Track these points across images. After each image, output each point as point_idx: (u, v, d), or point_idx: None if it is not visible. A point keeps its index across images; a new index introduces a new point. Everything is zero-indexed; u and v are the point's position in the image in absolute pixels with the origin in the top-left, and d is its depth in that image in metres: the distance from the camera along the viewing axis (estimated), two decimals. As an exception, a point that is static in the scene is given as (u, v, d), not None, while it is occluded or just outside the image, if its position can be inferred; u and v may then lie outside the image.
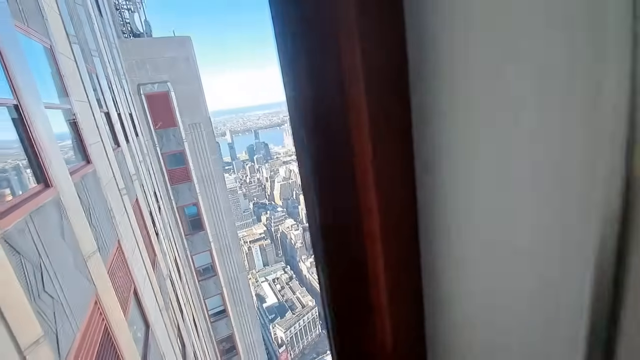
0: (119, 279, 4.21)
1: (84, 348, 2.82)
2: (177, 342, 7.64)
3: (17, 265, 2.21)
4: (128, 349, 3.86)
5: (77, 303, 2.92)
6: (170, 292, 8.42)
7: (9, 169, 2.68)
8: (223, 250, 16.92)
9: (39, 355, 2.15)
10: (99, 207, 4.28)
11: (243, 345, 18.25)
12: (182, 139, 14.78)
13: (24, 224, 2.41)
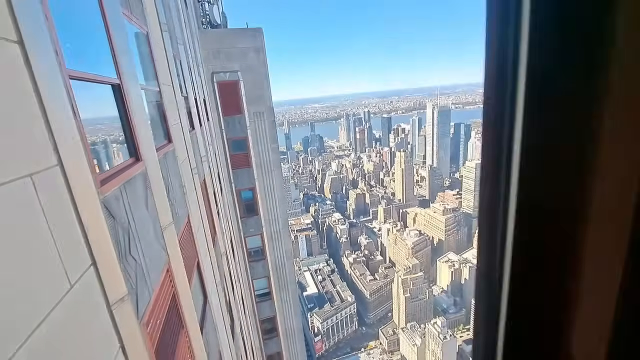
0: (186, 251, 4.55)
1: (156, 310, 3.09)
2: (227, 316, 8.12)
3: (111, 228, 2.47)
4: (190, 315, 4.17)
5: (154, 268, 3.20)
6: (225, 269, 8.95)
7: (109, 142, 2.99)
8: (273, 236, 17.56)
9: (123, 311, 2.39)
10: (175, 183, 4.65)
11: (283, 328, 18.88)
12: (246, 127, 15.52)
13: (119, 192, 2.68)
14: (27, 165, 1.70)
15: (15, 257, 1.54)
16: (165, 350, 3.19)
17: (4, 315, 1.42)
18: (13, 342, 1.44)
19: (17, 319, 1.49)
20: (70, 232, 1.98)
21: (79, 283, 1.96)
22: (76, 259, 1.99)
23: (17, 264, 1.54)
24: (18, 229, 1.58)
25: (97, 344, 2.13)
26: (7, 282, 1.47)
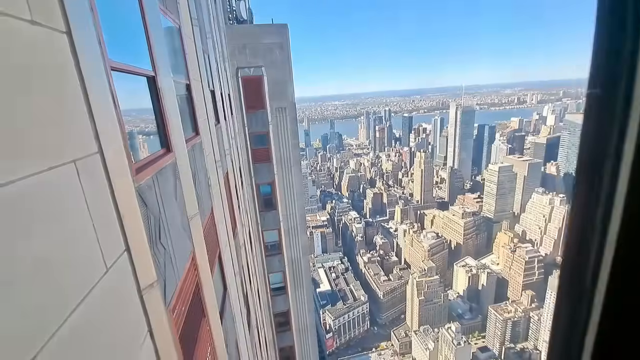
0: (209, 242, 4.65)
1: (181, 297, 3.17)
2: (244, 308, 8.26)
3: (144, 216, 2.54)
4: (211, 304, 4.26)
5: (180, 257, 3.28)
6: (243, 261, 9.10)
7: (143, 132, 3.08)
8: (290, 231, 17.70)
9: (152, 297, 2.46)
10: (201, 175, 4.75)
11: (296, 323, 19.05)
12: (267, 122, 15.67)
13: (151, 182, 2.76)
14: (71, 151, 1.77)
15: (62, 237, 1.61)
16: (188, 336, 3.28)
17: (52, 291, 1.49)
18: (59, 318, 1.51)
19: (62, 296, 1.56)
20: (108, 217, 2.05)
21: (113, 267, 2.03)
22: (112, 243, 2.06)
23: (64, 244, 1.61)
24: (65, 211, 1.65)
25: (129, 327, 2.20)
26: (55, 260, 1.53)
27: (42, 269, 1.46)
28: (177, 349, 2.88)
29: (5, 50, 1.39)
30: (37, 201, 1.47)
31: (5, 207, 1.30)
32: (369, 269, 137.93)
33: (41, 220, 1.49)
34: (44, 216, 1.51)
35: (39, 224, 1.47)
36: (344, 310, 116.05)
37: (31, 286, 1.39)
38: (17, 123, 1.42)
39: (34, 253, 1.42)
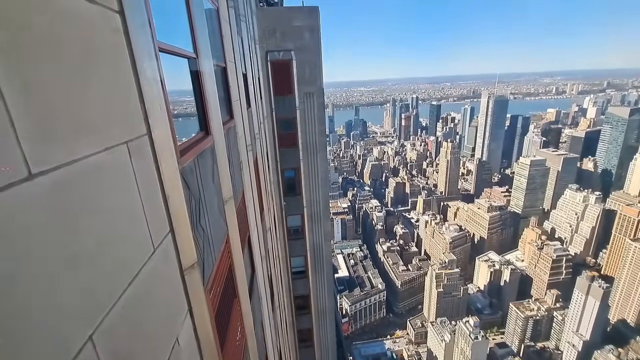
0: (241, 225, 4.72)
1: (217, 278, 3.24)
2: (269, 290, 8.45)
3: (186, 198, 2.58)
4: (242, 285, 4.36)
5: (217, 239, 3.34)
6: (269, 244, 9.26)
7: (185, 115, 3.11)
8: (313, 217, 17.82)
9: (192, 277, 2.52)
10: (234, 159, 4.79)
11: (315, 307, 19.42)
12: (295, 107, 15.59)
13: (193, 165, 2.79)
14: (124, 133, 1.78)
15: (118, 216, 1.64)
16: (222, 315, 3.37)
17: (110, 268, 1.53)
18: (115, 294, 1.56)
19: (118, 274, 1.61)
20: (155, 199, 2.09)
21: (160, 248, 2.07)
22: (158, 224, 2.10)
23: (119, 223, 1.65)
24: (120, 191, 1.68)
25: (171, 305, 2.27)
26: (112, 238, 1.57)
27: (102, 246, 1.49)
28: (212, 328, 2.96)
29: (67, 28, 1.39)
30: (96, 181, 1.50)
31: (70, 186, 1.33)
32: (387, 257, 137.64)
33: (100, 199, 1.52)
34: (102, 195, 1.53)
35: (98, 203, 1.50)
36: (361, 296, 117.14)
37: (93, 262, 1.43)
38: (76, 104, 1.43)
39: (94, 231, 1.46)
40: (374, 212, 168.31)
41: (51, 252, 1.22)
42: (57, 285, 1.23)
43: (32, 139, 1.17)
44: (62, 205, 1.29)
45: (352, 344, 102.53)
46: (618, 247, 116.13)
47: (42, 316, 1.15)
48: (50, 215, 1.23)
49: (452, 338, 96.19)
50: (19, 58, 1.13)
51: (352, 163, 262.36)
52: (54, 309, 1.20)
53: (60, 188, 1.28)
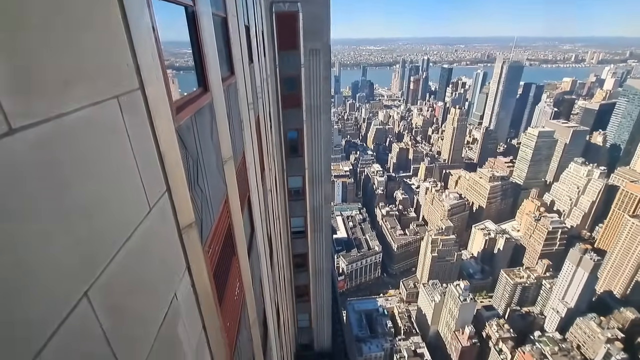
0: (241, 186, 4.72)
1: (215, 237, 3.29)
2: (268, 248, 8.71)
3: (183, 157, 2.52)
4: (240, 244, 4.46)
5: (215, 199, 3.34)
6: (269, 204, 9.37)
7: (181, 69, 2.95)
8: (314, 179, 17.89)
9: (190, 236, 2.55)
10: (235, 117, 4.66)
11: (313, 265, 20.20)
12: (300, 64, 14.97)
13: (190, 122, 2.70)
14: (113, 87, 1.69)
15: (110, 174, 1.61)
16: (220, 272, 3.47)
17: (104, 226, 1.52)
18: (109, 252, 1.56)
19: (112, 232, 1.61)
20: (150, 157, 2.03)
21: (156, 207, 2.06)
22: (154, 183, 2.07)
23: (112, 181, 1.61)
24: (111, 148, 1.63)
25: (169, 263, 2.31)
26: (105, 196, 1.55)
27: (95, 204, 1.47)
28: (211, 284, 3.06)
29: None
30: (85, 137, 1.43)
31: (58, 141, 1.27)
32: (386, 221, 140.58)
33: (91, 156, 1.47)
34: (93, 152, 1.48)
35: (89, 160, 1.46)
36: (358, 257, 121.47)
37: (87, 220, 1.41)
38: (59, 55, 1.32)
39: (87, 188, 1.42)
40: (375, 176, 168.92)
41: (43, 208, 1.19)
42: (51, 242, 1.22)
43: (12, 92, 1.10)
44: (49, 161, 1.24)
45: (346, 300, 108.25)
46: (615, 223, 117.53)
47: (36, 272, 1.15)
48: (38, 171, 1.18)
49: (441, 299, 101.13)
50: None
51: (357, 126, 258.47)
52: (47, 265, 1.20)
53: (46, 143, 1.23)
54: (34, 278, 1.13)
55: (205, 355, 3.07)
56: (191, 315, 2.68)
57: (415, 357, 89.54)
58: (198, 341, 2.83)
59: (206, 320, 2.99)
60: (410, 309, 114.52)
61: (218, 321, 3.27)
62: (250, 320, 5.33)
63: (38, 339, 1.13)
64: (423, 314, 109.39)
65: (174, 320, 2.33)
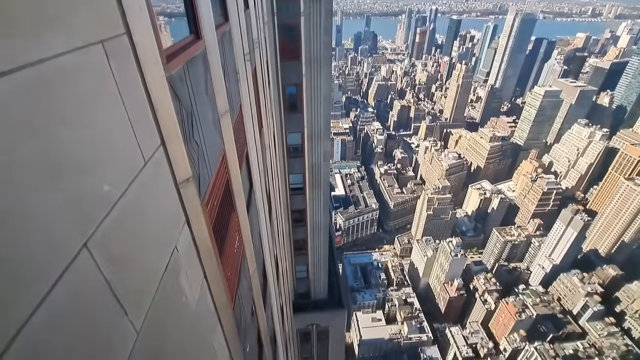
0: (238, 140, 4.64)
1: (213, 193, 3.30)
2: (267, 204, 8.85)
3: (177, 109, 2.43)
4: (239, 200, 4.50)
5: (212, 154, 3.30)
6: (267, 161, 9.35)
7: (172, 14, 2.73)
8: (313, 136, 17.68)
9: (188, 191, 2.54)
10: (230, 68, 4.44)
11: (311, 220, 20.73)
12: (299, 12, 14.02)
13: (182, 72, 2.56)
14: (97, 30, 1.56)
15: (101, 125, 1.55)
16: (220, 226, 3.54)
17: (98, 180, 1.50)
18: (106, 206, 1.56)
19: (107, 186, 1.59)
20: (141, 108, 1.95)
21: (151, 161, 2.02)
22: (147, 135, 2.01)
23: (103, 132, 1.56)
24: (99, 97, 1.55)
25: (168, 216, 2.33)
26: (98, 149, 1.50)
27: (87, 157, 1.43)
28: (210, 237, 3.13)
29: None
30: (69, 85, 1.35)
31: (38, 89, 1.19)
32: (384, 180, 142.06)
33: (78, 105, 1.39)
34: (79, 101, 1.40)
35: (76, 109, 1.39)
36: (355, 214, 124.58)
37: (78, 172, 1.38)
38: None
39: (76, 139, 1.37)
40: (375, 134, 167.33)
41: (28, 160, 1.15)
42: (43, 194, 1.20)
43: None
44: (32, 111, 1.17)
45: (342, 254, 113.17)
46: (610, 185, 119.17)
47: (31, 224, 1.15)
48: (19, 122, 1.12)
49: (434, 254, 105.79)
50: None
51: (358, 82, 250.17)
52: (42, 218, 1.20)
53: (25, 91, 1.15)
54: (27, 228, 1.13)
55: (208, 303, 3.24)
56: (192, 267, 2.78)
57: (405, 305, 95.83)
58: (200, 290, 2.97)
59: (207, 271, 3.10)
60: (404, 263, 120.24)
61: (219, 272, 3.40)
62: (250, 271, 5.57)
63: (42, 283, 1.16)
64: (415, 268, 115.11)
65: (176, 271, 2.41)
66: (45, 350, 1.16)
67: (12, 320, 1.03)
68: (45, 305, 1.15)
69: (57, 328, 1.22)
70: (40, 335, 1.12)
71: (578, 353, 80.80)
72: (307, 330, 23.87)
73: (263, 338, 6.97)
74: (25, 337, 1.05)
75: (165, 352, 2.29)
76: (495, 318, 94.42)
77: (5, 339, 1.00)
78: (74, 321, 1.34)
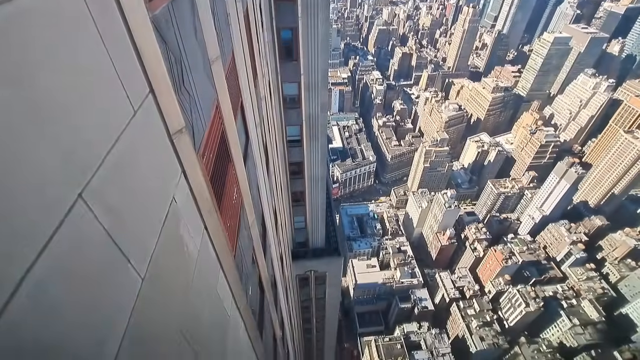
0: (231, 90, 4.45)
1: (209, 144, 3.24)
2: (264, 156, 8.80)
3: (164, 54, 2.27)
4: (236, 151, 4.45)
5: (205, 103, 3.17)
6: (263, 112, 9.11)
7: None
8: (310, 86, 17.05)
9: (182, 142, 2.48)
10: (220, 10, 4.10)
11: (308, 173, 20.88)
12: (295, -56, 12.66)
13: (167, 13, 2.35)
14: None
15: (83, 70, 1.45)
16: (217, 178, 3.54)
17: (87, 129, 1.44)
18: (98, 156, 1.52)
19: (97, 135, 1.53)
20: (124, 50, 1.82)
21: (141, 110, 1.93)
22: (135, 83, 1.90)
23: (86, 78, 1.46)
24: (79, 40, 1.42)
25: (163, 167, 2.30)
26: (83, 96, 1.42)
27: (71, 103, 1.35)
28: (208, 189, 3.14)
29: None
30: (43, 26, 1.22)
31: (10, 31, 1.08)
32: (382, 132, 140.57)
33: (55, 48, 1.28)
34: (56, 44, 1.29)
35: (54, 53, 1.28)
36: (352, 166, 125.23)
37: (66, 122, 1.33)
38: None
39: (57, 84, 1.29)
40: (374, 84, 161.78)
41: (11, 107, 1.09)
42: (30, 143, 1.15)
43: None
44: (4, 55, 1.08)
45: (339, 205, 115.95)
46: (608, 138, 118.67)
47: (22, 176, 1.12)
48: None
49: (428, 205, 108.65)
50: None
51: (358, 26, 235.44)
52: (33, 168, 1.16)
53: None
54: (17, 180, 1.10)
55: (210, 252, 3.35)
56: (192, 218, 2.82)
57: (399, 253, 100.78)
58: (201, 240, 3.05)
59: (207, 222, 3.16)
60: (399, 214, 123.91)
61: (218, 223, 3.47)
62: (249, 221, 5.71)
63: (41, 235, 1.16)
64: (410, 218, 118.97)
65: (176, 222, 2.44)
66: (52, 295, 1.20)
67: (14, 269, 1.05)
68: (46, 256, 1.16)
69: (61, 276, 1.26)
70: (44, 283, 1.14)
71: (557, 295, 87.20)
72: (306, 276, 25.32)
73: (264, 283, 7.39)
74: (30, 283, 1.08)
75: (171, 298, 2.42)
76: (483, 264, 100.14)
77: (10, 286, 1.02)
78: (78, 268, 1.37)
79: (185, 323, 2.53)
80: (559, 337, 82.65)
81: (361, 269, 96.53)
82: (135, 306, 1.77)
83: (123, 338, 1.63)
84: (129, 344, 1.65)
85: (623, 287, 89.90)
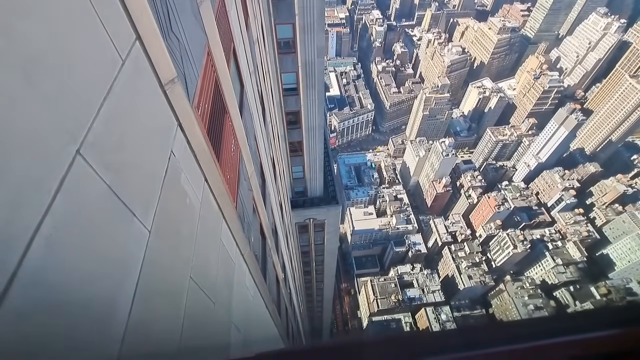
0: (222, 34, 4.17)
1: (203, 94, 3.12)
2: (260, 105, 8.57)
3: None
4: (231, 101, 4.32)
5: (196, 50, 2.99)
6: (257, 58, 8.65)
7: None
8: (306, 28, 15.97)
9: (175, 92, 2.38)
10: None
11: (306, 122, 20.50)
12: None
13: (147, -57, 2.09)
14: None
15: (61, 15, 1.33)
16: (214, 130, 3.48)
17: (77, 82, 1.37)
18: (91, 109, 1.47)
19: (88, 88, 1.47)
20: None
21: (129, 59, 1.82)
22: (120, 30, 1.77)
23: (64, 24, 1.35)
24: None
25: (159, 119, 2.24)
26: (63, 45, 1.33)
27: (54, 55, 1.27)
28: (206, 140, 3.10)
29: None
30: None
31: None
32: (381, 79, 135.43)
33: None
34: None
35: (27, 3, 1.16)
36: (350, 115, 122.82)
37: (52, 73, 1.26)
38: None
39: (36, 34, 1.19)
40: (374, 25, 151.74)
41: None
42: (20, 100, 1.11)
43: None
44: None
45: (337, 155, 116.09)
46: (613, 82, 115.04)
47: (17, 132, 1.09)
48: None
49: (426, 154, 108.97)
50: None
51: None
52: (26, 123, 1.13)
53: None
54: (13, 137, 1.08)
55: (212, 204, 3.42)
56: (192, 171, 2.82)
57: (395, 201, 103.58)
58: (203, 193, 3.09)
59: (207, 174, 3.17)
60: (396, 163, 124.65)
61: (218, 174, 3.49)
62: (248, 172, 5.75)
63: (45, 193, 1.17)
64: (407, 167, 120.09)
65: (176, 175, 2.45)
66: (61, 250, 1.24)
67: (21, 228, 1.07)
68: (52, 212, 1.18)
69: (68, 231, 1.29)
70: (53, 239, 1.18)
71: (544, 237, 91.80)
72: (305, 223, 26.23)
73: (265, 231, 7.68)
74: (40, 239, 1.11)
75: (178, 249, 2.52)
76: (476, 210, 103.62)
77: (23, 242, 1.06)
78: (84, 223, 1.41)
79: (193, 270, 2.68)
80: (542, 275, 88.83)
81: (358, 216, 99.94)
82: (145, 257, 1.85)
83: (136, 287, 1.73)
84: (142, 292, 1.76)
85: (607, 229, 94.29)
